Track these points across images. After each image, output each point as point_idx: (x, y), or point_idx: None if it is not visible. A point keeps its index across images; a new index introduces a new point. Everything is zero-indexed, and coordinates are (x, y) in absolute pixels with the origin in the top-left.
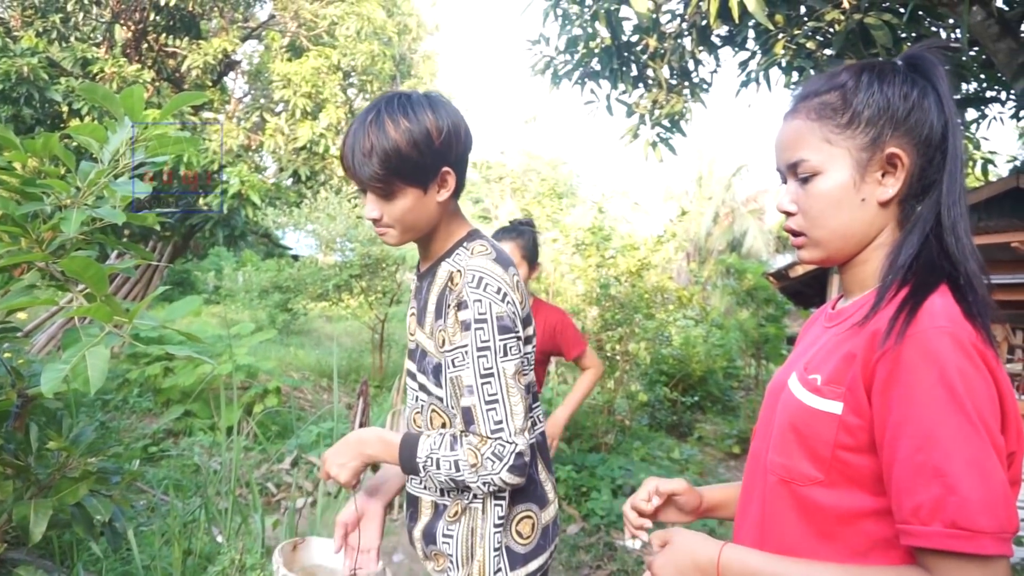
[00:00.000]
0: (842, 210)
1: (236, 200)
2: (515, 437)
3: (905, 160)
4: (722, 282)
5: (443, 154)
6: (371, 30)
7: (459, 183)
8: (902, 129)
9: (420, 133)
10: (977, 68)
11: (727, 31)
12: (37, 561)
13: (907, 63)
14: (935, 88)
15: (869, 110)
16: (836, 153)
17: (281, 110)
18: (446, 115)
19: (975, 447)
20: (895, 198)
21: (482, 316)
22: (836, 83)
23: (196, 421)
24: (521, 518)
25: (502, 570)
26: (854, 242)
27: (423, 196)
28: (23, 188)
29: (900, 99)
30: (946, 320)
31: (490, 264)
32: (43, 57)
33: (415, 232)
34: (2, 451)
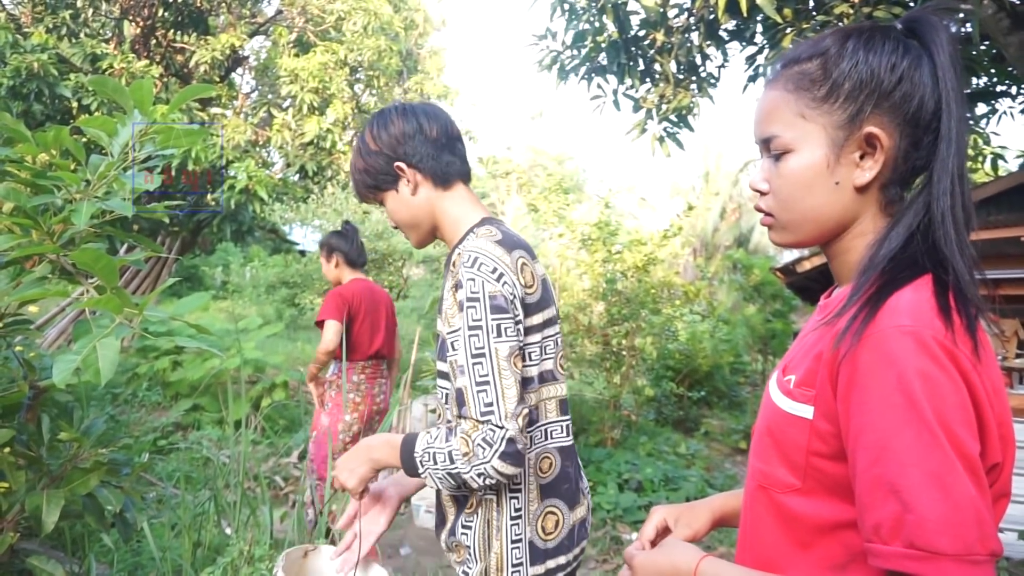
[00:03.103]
0: (814, 193)
1: (243, 195)
2: (505, 422)
3: (885, 141)
4: (729, 277)
5: (387, 154)
6: (378, 25)
7: (435, 173)
8: (885, 105)
9: (361, 143)
10: (988, 62)
11: (735, 25)
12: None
13: (906, 26)
14: (931, 57)
15: (849, 82)
16: (810, 130)
17: (288, 105)
18: (388, 119)
19: (935, 460)
20: (873, 183)
21: (475, 295)
22: (818, 49)
23: (204, 415)
24: (546, 513)
25: (523, 564)
26: (827, 228)
27: (397, 195)
28: (34, 181)
29: (887, 70)
30: (910, 318)
31: (489, 245)
32: (53, 53)
33: (418, 228)
34: (14, 442)
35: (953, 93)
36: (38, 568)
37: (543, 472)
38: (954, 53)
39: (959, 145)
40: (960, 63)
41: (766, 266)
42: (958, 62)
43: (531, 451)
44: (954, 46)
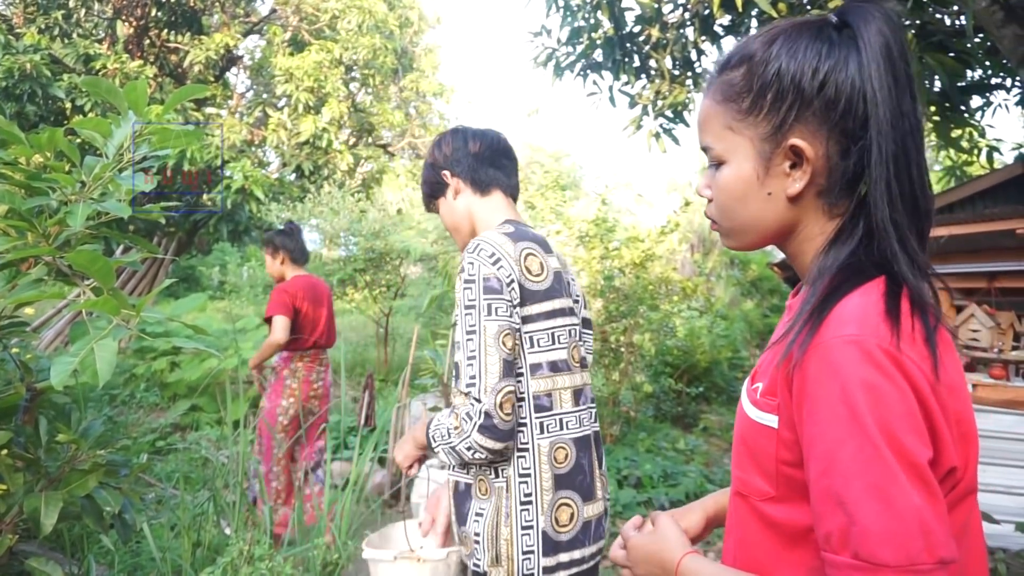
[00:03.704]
0: (748, 204)
1: (240, 195)
2: (483, 395)
3: (809, 152)
4: (726, 273)
5: (439, 165)
6: (373, 23)
7: (474, 181)
8: (808, 113)
9: (425, 159)
10: (982, 55)
11: (730, 21)
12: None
13: (840, 19)
14: (860, 52)
15: (771, 93)
16: (739, 142)
17: (283, 105)
18: (444, 138)
19: (876, 471)
20: (808, 191)
21: (471, 277)
22: (745, 54)
23: (202, 415)
24: (560, 505)
25: (534, 551)
26: (768, 235)
27: (446, 201)
28: (29, 183)
29: (808, 76)
30: (854, 327)
31: (496, 236)
32: (46, 54)
33: (460, 231)
34: (12, 444)
35: (882, 91)
36: (37, 570)
37: (558, 462)
38: (887, 44)
39: (894, 146)
40: (899, 51)
41: (763, 261)
42: (895, 51)
43: (544, 439)
44: (889, 35)
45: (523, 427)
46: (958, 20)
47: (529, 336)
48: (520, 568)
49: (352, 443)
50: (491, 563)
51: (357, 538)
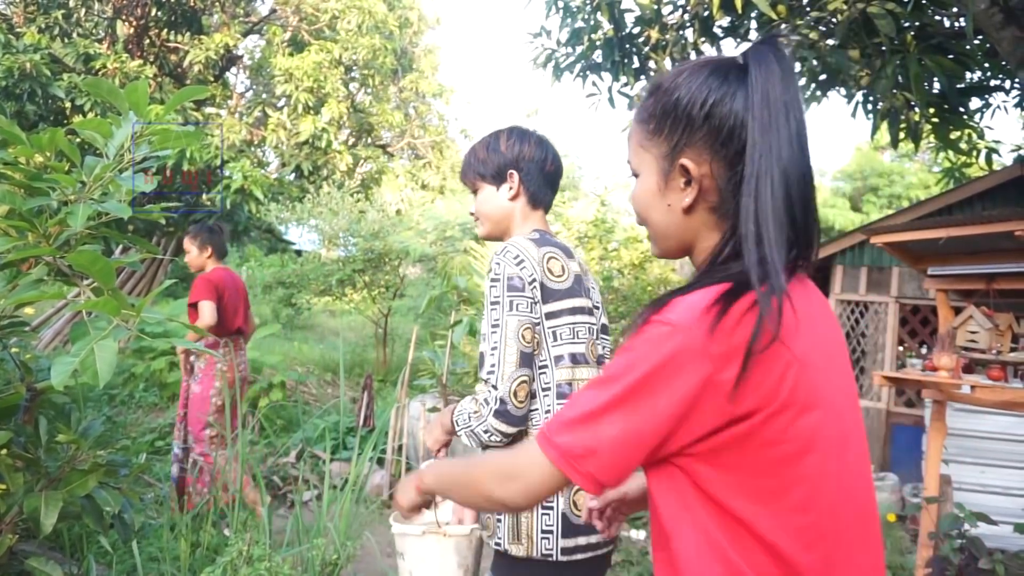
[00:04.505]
0: (653, 213)
1: (239, 195)
2: (499, 383)
3: (694, 171)
4: None
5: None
6: (372, 24)
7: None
8: (696, 138)
9: (494, 140)
10: (981, 57)
11: (729, 22)
12: (48, 553)
13: (743, 57)
14: (747, 89)
15: (668, 120)
16: (647, 159)
17: (283, 105)
18: (528, 139)
19: (605, 399)
20: (698, 205)
21: (497, 276)
22: (657, 83)
23: None
24: (579, 490)
25: (553, 532)
26: (674, 243)
27: (496, 192)
28: (30, 183)
29: (697, 106)
30: (676, 315)
31: (522, 241)
32: (46, 53)
33: (497, 224)
34: (12, 444)
35: (761, 125)
36: (37, 569)
37: None
38: (774, 83)
39: (767, 174)
40: (784, 89)
41: None
42: (780, 89)
43: None
44: (779, 75)
45: (548, 413)
46: (957, 22)
47: (552, 330)
48: (539, 547)
49: (351, 443)
50: (512, 541)
51: (356, 539)
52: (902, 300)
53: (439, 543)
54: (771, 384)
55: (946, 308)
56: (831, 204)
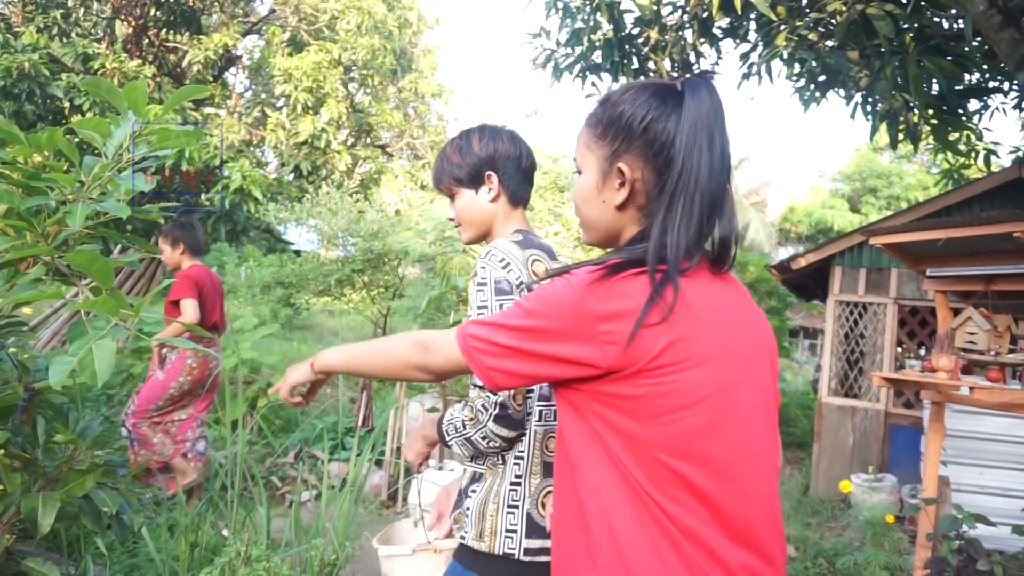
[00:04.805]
0: (589, 206)
1: (238, 195)
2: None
3: (628, 174)
4: None
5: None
6: (371, 24)
7: (513, 194)
8: (633, 147)
9: (465, 142)
10: (980, 59)
11: (728, 23)
12: (45, 553)
13: (681, 85)
14: (681, 113)
15: (612, 128)
16: (590, 158)
17: (282, 105)
18: (500, 136)
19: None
20: (629, 204)
21: (483, 280)
22: (606, 97)
23: None
24: (548, 491)
25: (517, 531)
26: (603, 234)
27: (475, 195)
28: (28, 182)
29: (637, 120)
30: (574, 274)
31: (506, 243)
32: (44, 53)
33: (478, 228)
34: (10, 444)
35: (687, 145)
36: (34, 570)
37: (548, 450)
38: (704, 111)
39: (684, 187)
40: (712, 118)
41: (761, 263)
42: (709, 118)
43: (539, 425)
44: (708, 105)
45: (529, 414)
46: (956, 24)
47: None
48: (502, 545)
49: (350, 444)
50: (476, 537)
51: (355, 539)
52: (901, 301)
53: (429, 560)
54: (650, 347)
55: (945, 309)
56: (830, 205)
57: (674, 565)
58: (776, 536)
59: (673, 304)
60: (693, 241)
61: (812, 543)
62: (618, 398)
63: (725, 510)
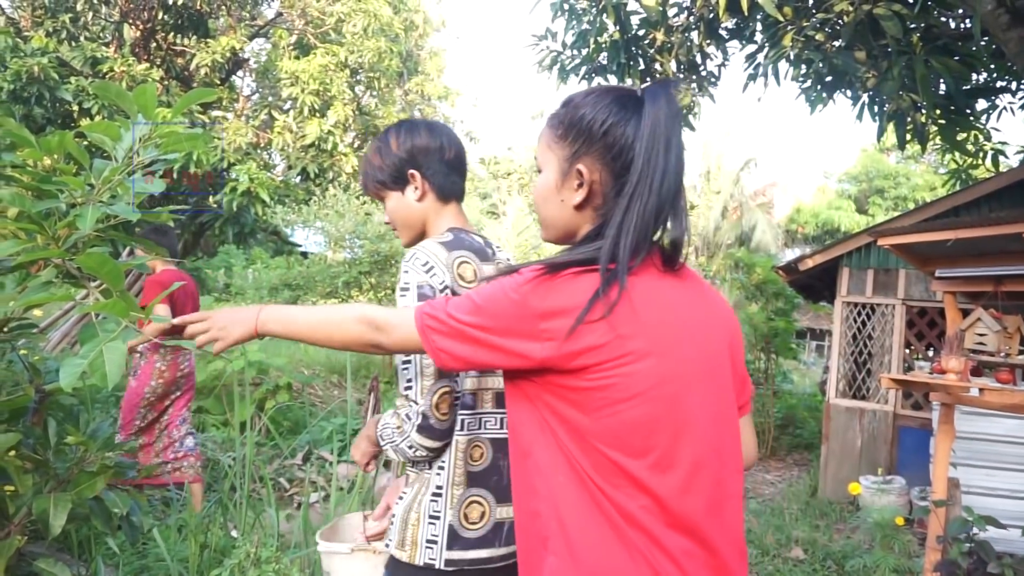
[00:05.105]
0: (548, 204)
1: (245, 198)
2: (420, 398)
3: (587, 176)
4: (731, 276)
5: (405, 159)
6: (378, 27)
7: (441, 189)
8: (593, 150)
9: (383, 143)
10: (988, 58)
11: (735, 24)
12: (56, 554)
13: (641, 92)
14: (640, 119)
15: (573, 130)
16: (551, 158)
17: (289, 108)
18: (417, 130)
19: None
20: (587, 204)
21: (406, 285)
22: (569, 99)
23: (209, 417)
24: (472, 502)
25: (437, 542)
26: (560, 232)
27: (402, 197)
28: (38, 185)
29: (598, 124)
30: (523, 271)
31: (432, 245)
32: (53, 57)
33: (412, 230)
34: (21, 446)
35: (644, 151)
36: (46, 571)
37: (473, 460)
38: (661, 119)
39: (639, 193)
40: (669, 125)
41: (768, 265)
42: (665, 125)
43: (462, 435)
44: (665, 112)
45: (454, 423)
46: (964, 23)
47: None
48: (422, 555)
49: None
50: (398, 546)
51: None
52: (909, 302)
53: (368, 561)
54: (590, 343)
55: (954, 310)
56: (836, 206)
57: (615, 547)
58: (720, 524)
59: (616, 302)
60: (643, 242)
61: (821, 545)
62: (567, 390)
63: (664, 499)
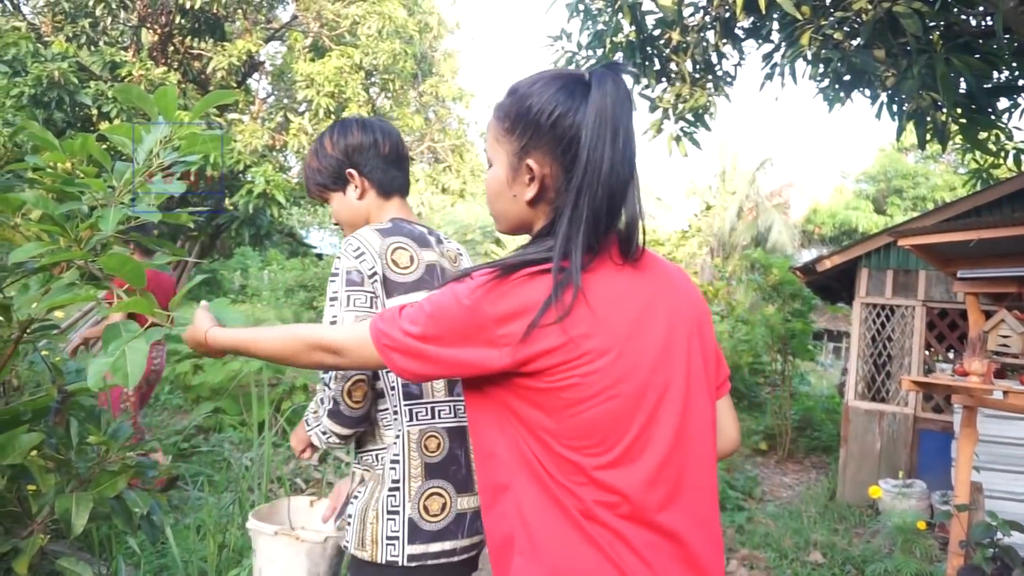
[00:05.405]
0: (499, 199)
1: (261, 200)
2: (332, 383)
3: (537, 170)
4: (747, 277)
5: (341, 160)
6: (392, 29)
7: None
8: (542, 142)
9: (319, 145)
10: (1010, 56)
11: (751, 23)
12: (78, 553)
13: (589, 76)
14: (587, 106)
15: (521, 122)
16: (500, 152)
17: (304, 110)
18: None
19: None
20: (537, 200)
21: (336, 271)
22: (515, 87)
23: (225, 418)
24: (432, 494)
25: (398, 538)
26: (515, 225)
27: (344, 197)
28: (61, 188)
29: (545, 115)
30: (471, 278)
31: (367, 232)
32: (73, 62)
33: (356, 228)
34: (44, 445)
35: (591, 139)
36: (68, 570)
37: (429, 451)
38: (608, 104)
39: (588, 184)
40: (617, 110)
41: (785, 265)
42: (613, 110)
43: (412, 426)
44: (613, 97)
45: (396, 414)
46: (985, 20)
47: None
48: (384, 553)
49: None
50: (357, 546)
51: None
52: (929, 304)
53: (291, 546)
54: (546, 345)
55: (977, 312)
56: (854, 206)
57: (578, 544)
58: (686, 515)
59: (571, 304)
60: (596, 235)
61: (840, 549)
62: (528, 391)
63: (627, 494)
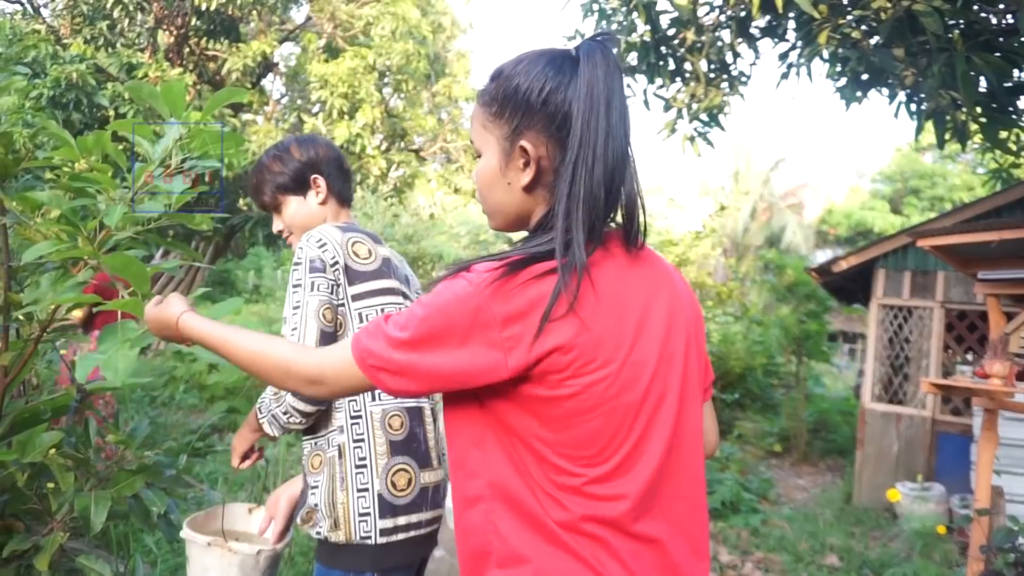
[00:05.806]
0: (494, 190)
1: None
2: None
3: (532, 153)
4: (761, 278)
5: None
6: (406, 29)
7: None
8: (534, 122)
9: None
10: None
11: (767, 22)
12: (96, 551)
13: (576, 50)
14: (578, 79)
15: (509, 104)
16: (489, 139)
17: (318, 110)
18: (316, 141)
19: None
20: (537, 184)
21: (299, 259)
22: (499, 69)
23: (240, 417)
24: (398, 470)
25: (370, 514)
26: (512, 218)
27: (303, 201)
28: (78, 186)
29: (535, 93)
30: (473, 273)
31: (327, 227)
32: (91, 63)
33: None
34: (63, 444)
35: (584, 112)
36: (87, 567)
37: (393, 429)
38: (600, 75)
39: (587, 157)
40: (608, 82)
41: (799, 266)
42: (604, 82)
43: (375, 406)
44: (603, 68)
45: (355, 395)
46: (1006, 19)
47: (359, 312)
48: (357, 530)
49: None
50: (331, 528)
51: None
52: (948, 305)
53: (223, 558)
54: (556, 346)
55: (998, 313)
56: (870, 207)
57: (557, 552)
58: (671, 523)
59: (579, 288)
60: (596, 214)
61: (857, 553)
62: (525, 398)
63: (614, 504)
